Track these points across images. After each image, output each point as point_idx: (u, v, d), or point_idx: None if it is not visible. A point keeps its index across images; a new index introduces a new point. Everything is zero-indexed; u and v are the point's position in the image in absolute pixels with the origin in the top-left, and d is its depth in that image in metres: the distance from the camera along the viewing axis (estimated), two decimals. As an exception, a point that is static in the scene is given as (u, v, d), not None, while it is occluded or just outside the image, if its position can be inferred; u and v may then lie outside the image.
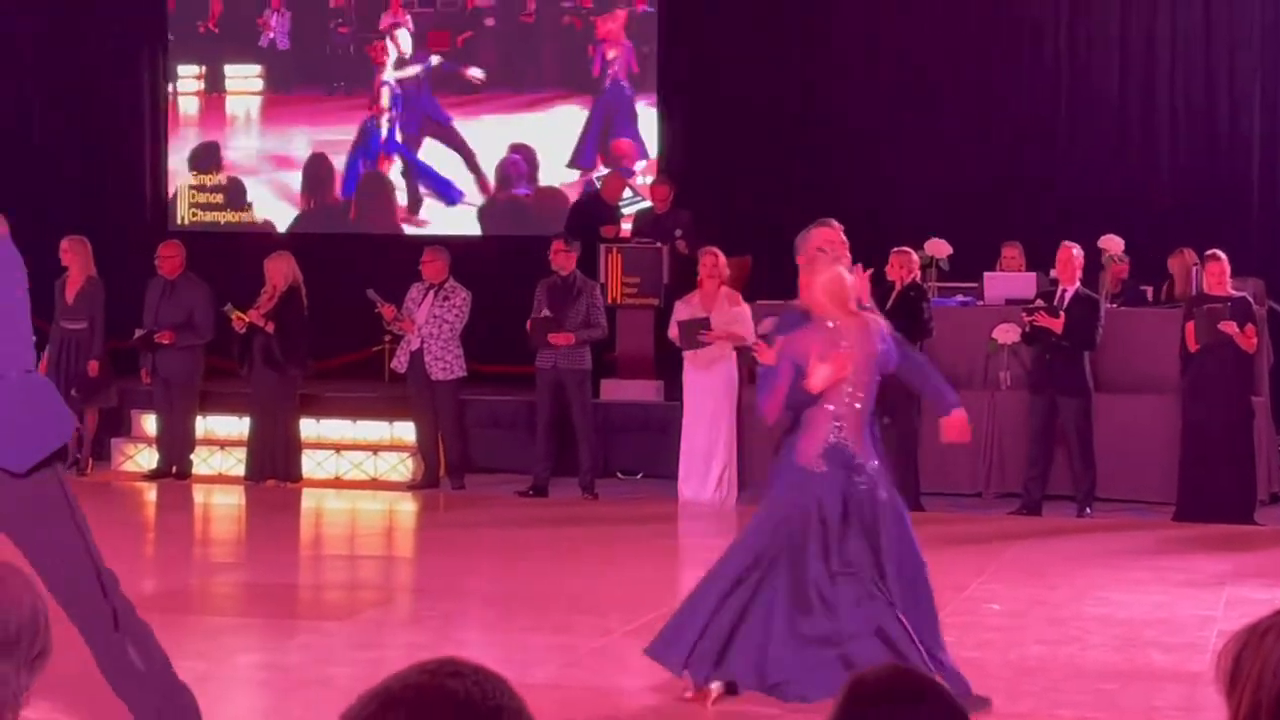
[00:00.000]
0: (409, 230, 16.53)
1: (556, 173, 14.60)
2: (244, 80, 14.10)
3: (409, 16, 14.04)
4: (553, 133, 14.57)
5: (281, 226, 15.81)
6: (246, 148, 14.37)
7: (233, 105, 14.09)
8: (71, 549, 5.48)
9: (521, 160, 14.40)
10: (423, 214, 14.97)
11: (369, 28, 14.17)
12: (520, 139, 14.48)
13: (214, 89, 14.27)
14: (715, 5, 16.16)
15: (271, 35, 13.68)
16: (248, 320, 13.56)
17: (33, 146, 17.48)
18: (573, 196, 15.43)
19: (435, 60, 14.76)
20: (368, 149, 14.56)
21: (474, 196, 14.82)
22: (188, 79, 14.17)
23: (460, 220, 15.63)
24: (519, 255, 15.46)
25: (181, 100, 14.28)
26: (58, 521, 5.48)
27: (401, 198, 14.78)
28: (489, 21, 13.89)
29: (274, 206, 14.60)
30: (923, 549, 7.17)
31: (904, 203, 15.22)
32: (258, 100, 14.24)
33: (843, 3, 15.97)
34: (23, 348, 5.65)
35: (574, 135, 14.66)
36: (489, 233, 16.32)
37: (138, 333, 13.97)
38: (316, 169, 14.52)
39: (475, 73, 14.37)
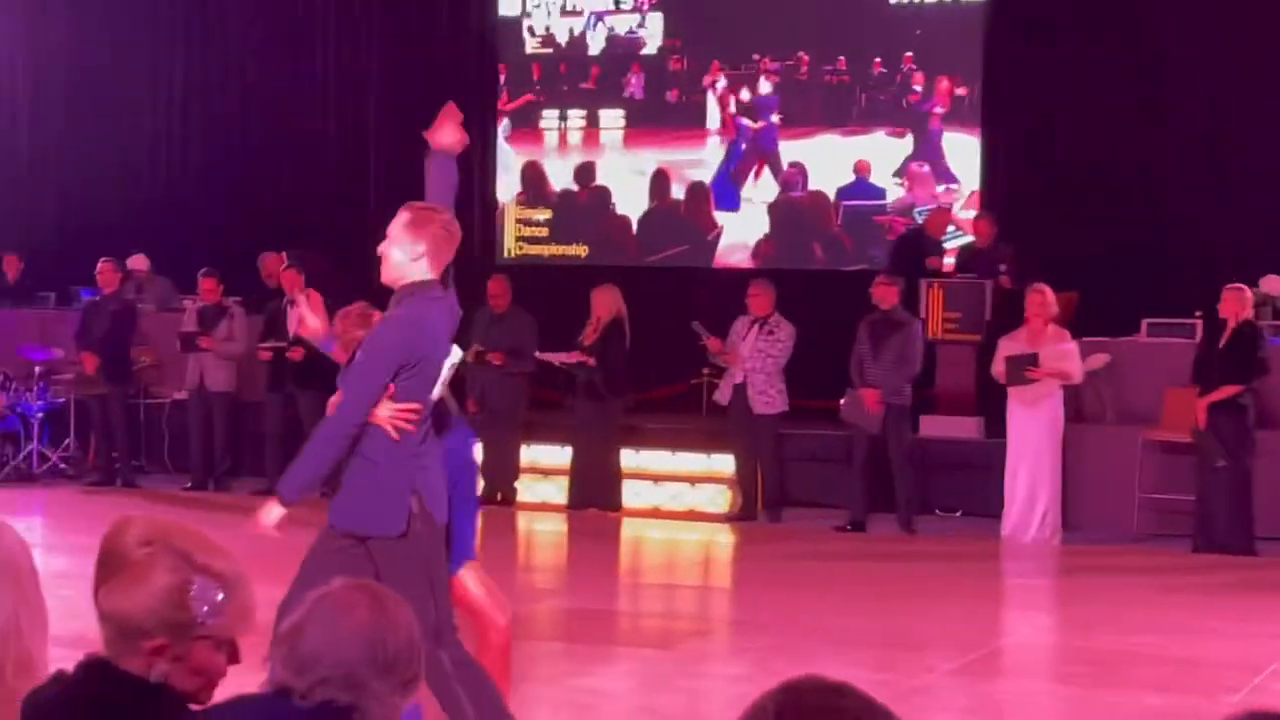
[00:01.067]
0: (727, 253, 16.83)
1: (819, 182, 17.31)
2: (614, 119, 18.12)
3: (723, 75, 17.59)
4: (817, 154, 17.26)
5: (635, 216, 17.78)
6: (614, 164, 18.08)
7: (605, 137, 18.20)
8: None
9: (796, 172, 17.33)
10: (729, 212, 17.75)
11: (696, 84, 17.83)
12: (795, 158, 17.37)
13: (592, 125, 18.10)
14: (1040, 38, 15.91)
15: (631, 90, 17.98)
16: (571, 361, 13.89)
17: (366, 192, 18.15)
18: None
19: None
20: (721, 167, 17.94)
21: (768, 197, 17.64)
22: (575, 118, 18.21)
23: (753, 218, 17.50)
24: (843, 289, 15.45)
25: (570, 134, 18.24)
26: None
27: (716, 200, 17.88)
28: (775, 79, 17.43)
29: (631, 205, 17.83)
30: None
31: (1237, 238, 14.75)
32: (621, 133, 18.10)
33: (1172, 34, 15.54)
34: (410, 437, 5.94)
35: (832, 156, 17.20)
36: (775, 227, 17.09)
37: (473, 348, 14.33)
38: (658, 180, 17.88)
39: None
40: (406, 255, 5.84)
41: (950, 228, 15.77)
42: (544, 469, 14.78)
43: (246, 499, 14.64)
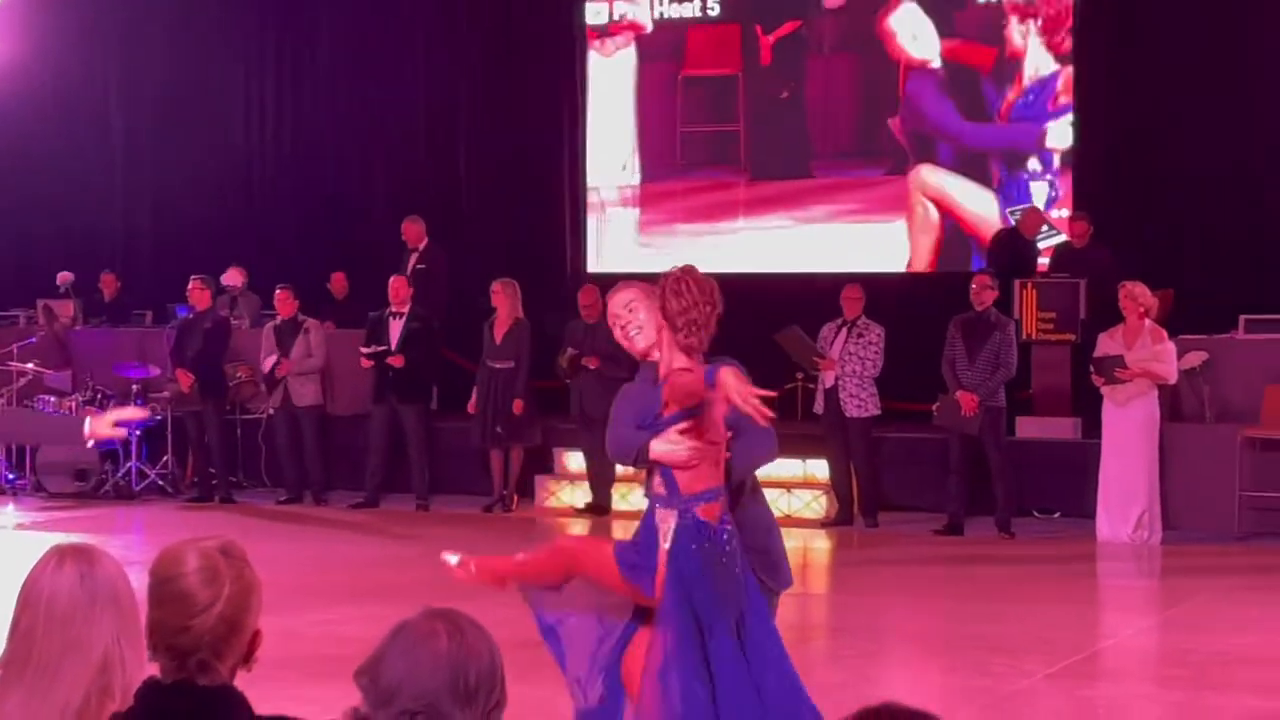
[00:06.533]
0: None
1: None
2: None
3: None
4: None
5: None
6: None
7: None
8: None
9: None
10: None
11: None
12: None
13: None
14: (1132, 32, 15.75)
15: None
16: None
17: (462, 199, 18.27)
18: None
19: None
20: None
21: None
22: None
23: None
24: (933, 289, 15.38)
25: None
26: None
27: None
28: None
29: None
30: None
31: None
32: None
33: (1269, 26, 15.32)
34: None
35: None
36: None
37: (569, 351, 14.33)
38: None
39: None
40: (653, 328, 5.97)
41: (1044, 227, 15.63)
42: (639, 477, 14.76)
43: (345, 512, 14.78)
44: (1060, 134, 16.14)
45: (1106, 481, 12.95)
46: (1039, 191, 16.10)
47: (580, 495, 14.76)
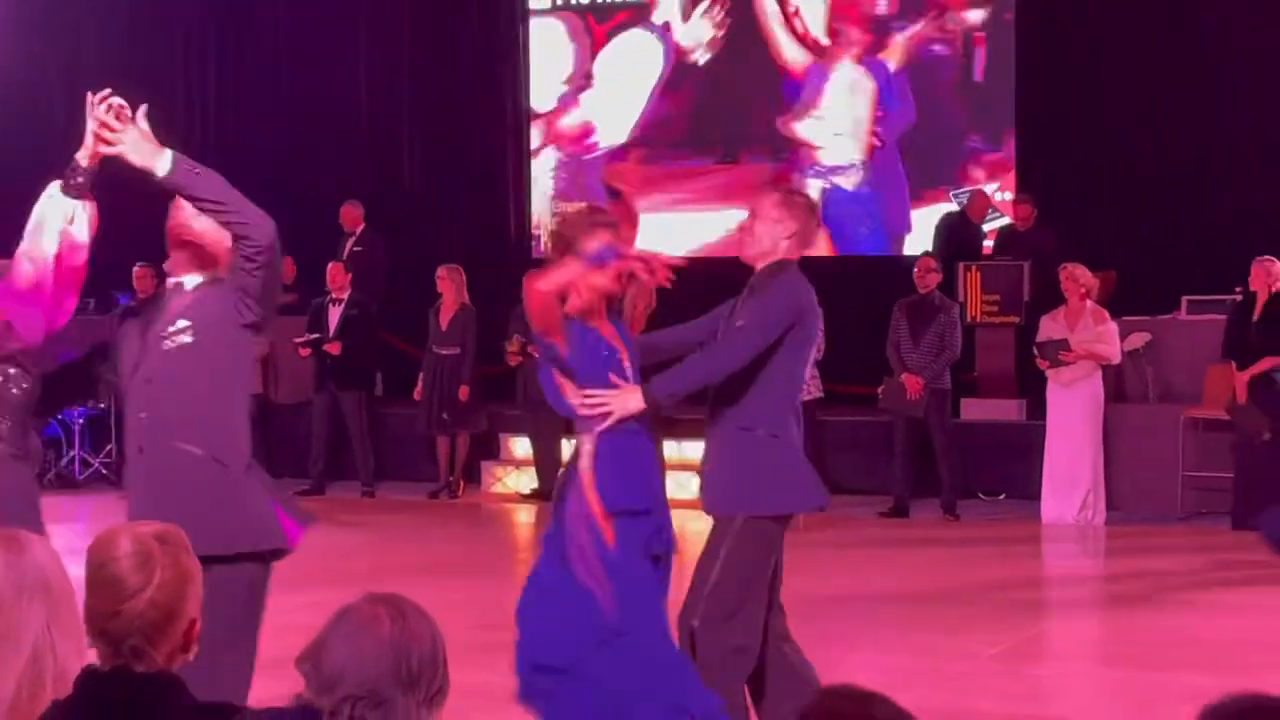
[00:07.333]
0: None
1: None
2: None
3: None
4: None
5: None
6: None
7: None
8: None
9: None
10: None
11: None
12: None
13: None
14: (1075, 19, 15.83)
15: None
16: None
17: (405, 186, 18.22)
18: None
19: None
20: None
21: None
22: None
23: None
24: (877, 272, 15.42)
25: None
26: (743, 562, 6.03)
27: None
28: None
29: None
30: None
31: (1275, 210, 14.66)
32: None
33: (1213, 10, 15.42)
34: (785, 408, 5.99)
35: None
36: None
37: (516, 338, 14.28)
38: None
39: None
40: (779, 233, 5.87)
41: (990, 210, 15.73)
42: (584, 462, 14.74)
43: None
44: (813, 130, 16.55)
45: (1051, 463, 13.03)
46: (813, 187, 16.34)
47: (526, 481, 14.75)
